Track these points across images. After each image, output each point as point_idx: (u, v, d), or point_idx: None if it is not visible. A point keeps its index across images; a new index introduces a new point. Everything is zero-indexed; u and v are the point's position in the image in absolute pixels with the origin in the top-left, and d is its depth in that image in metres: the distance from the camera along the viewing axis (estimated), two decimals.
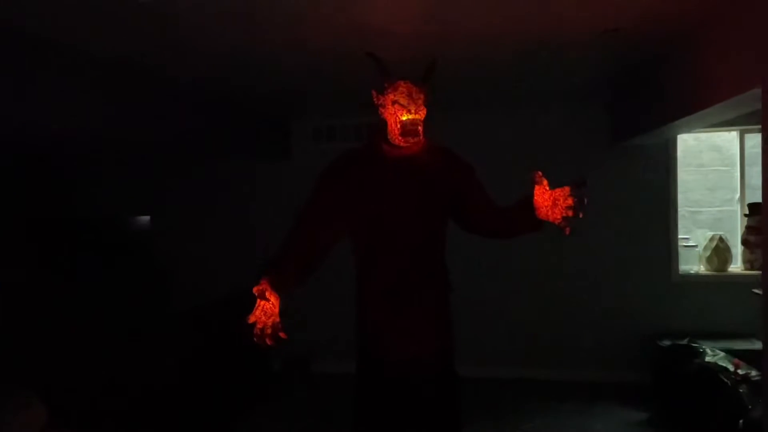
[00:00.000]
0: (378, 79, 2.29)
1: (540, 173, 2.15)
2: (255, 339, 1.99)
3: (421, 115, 2.24)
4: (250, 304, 2.04)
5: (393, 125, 2.24)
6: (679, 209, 5.01)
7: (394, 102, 2.22)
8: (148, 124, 3.69)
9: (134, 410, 3.21)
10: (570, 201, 2.05)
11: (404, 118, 2.20)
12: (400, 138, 2.23)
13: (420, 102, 2.23)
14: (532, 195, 2.18)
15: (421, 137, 2.26)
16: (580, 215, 2.04)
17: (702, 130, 4.84)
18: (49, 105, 2.91)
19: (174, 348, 3.88)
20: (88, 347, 3.34)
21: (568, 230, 2.06)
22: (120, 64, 3.37)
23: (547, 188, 2.14)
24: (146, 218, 5.61)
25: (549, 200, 2.11)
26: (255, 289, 2.00)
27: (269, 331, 1.97)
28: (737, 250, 4.97)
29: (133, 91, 3.54)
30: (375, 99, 2.31)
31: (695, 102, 3.14)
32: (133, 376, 3.34)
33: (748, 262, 4.86)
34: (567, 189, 2.08)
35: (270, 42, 3.11)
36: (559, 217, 2.08)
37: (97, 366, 3.17)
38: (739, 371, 3.72)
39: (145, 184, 5.96)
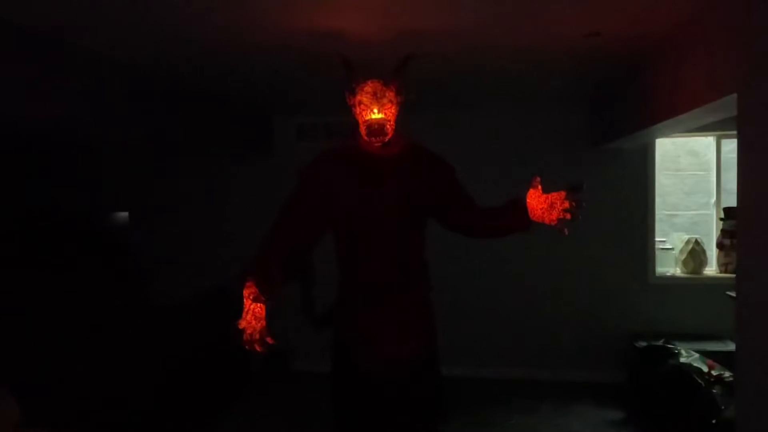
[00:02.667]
0: (348, 80, 2.30)
1: (538, 178, 2.18)
2: (245, 345, 1.98)
3: (387, 114, 2.24)
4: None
5: (361, 125, 2.25)
6: (656, 212, 5.07)
7: (360, 102, 2.23)
8: (128, 119, 3.64)
9: (109, 408, 3.17)
10: (567, 204, 2.08)
11: (368, 117, 2.21)
12: (366, 138, 2.25)
13: (385, 101, 2.23)
14: (524, 197, 2.20)
15: (389, 136, 2.26)
16: (579, 218, 2.08)
17: (680, 134, 4.90)
18: (25, 99, 2.86)
19: (150, 345, 3.84)
20: (62, 343, 3.29)
21: (566, 231, 2.10)
22: (99, 58, 3.32)
23: (541, 192, 2.16)
24: (124, 214, 5.55)
25: (545, 203, 2.13)
26: (246, 292, 1.99)
27: (257, 336, 1.97)
28: (712, 253, 5.06)
29: (112, 85, 3.49)
30: (347, 100, 2.31)
31: (673, 107, 3.18)
32: (107, 374, 3.31)
33: (723, 265, 4.94)
34: (564, 193, 2.11)
35: (252, 38, 3.10)
36: (555, 219, 2.11)
37: (71, 363, 3.13)
38: (713, 372, 3.78)
39: (123, 180, 5.89)
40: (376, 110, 2.21)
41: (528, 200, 2.19)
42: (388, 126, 2.24)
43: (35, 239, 4.84)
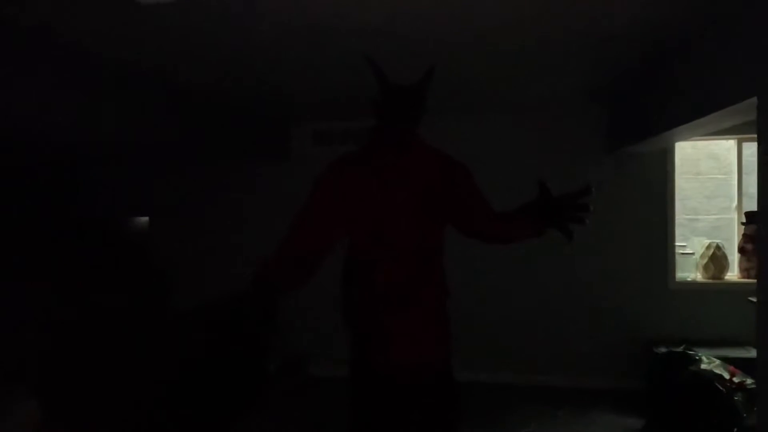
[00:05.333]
0: (375, 84, 2.31)
1: (546, 182, 2.16)
2: None
3: (415, 120, 2.26)
4: (246, 308, 2.04)
5: (387, 130, 2.26)
6: (676, 216, 5.02)
7: (388, 107, 2.24)
8: (147, 125, 3.69)
9: (126, 412, 3.20)
10: (576, 208, 2.06)
11: (398, 123, 2.23)
12: (393, 142, 2.25)
13: (414, 107, 2.25)
14: (535, 202, 2.18)
15: (416, 142, 2.28)
16: (585, 222, 2.06)
17: (700, 138, 4.85)
18: (48, 106, 2.91)
19: (168, 350, 3.87)
20: (82, 348, 3.33)
21: (573, 237, 2.07)
22: (118, 66, 3.37)
23: (552, 195, 2.15)
24: (145, 219, 5.62)
25: (554, 207, 2.11)
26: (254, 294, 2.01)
27: None
28: (734, 258, 4.98)
29: (132, 92, 3.54)
30: (373, 104, 2.32)
31: (692, 110, 3.15)
32: (126, 377, 3.34)
33: (745, 270, 4.87)
34: (572, 196, 2.09)
35: (269, 44, 3.12)
36: (564, 223, 2.09)
37: (91, 366, 3.16)
38: (735, 379, 3.72)
39: (144, 185, 5.96)
40: (407, 115, 2.23)
41: (539, 205, 2.17)
42: (415, 132, 2.25)
43: (56, 244, 4.90)
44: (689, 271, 5.03)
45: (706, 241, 5.03)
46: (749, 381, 3.68)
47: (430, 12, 2.68)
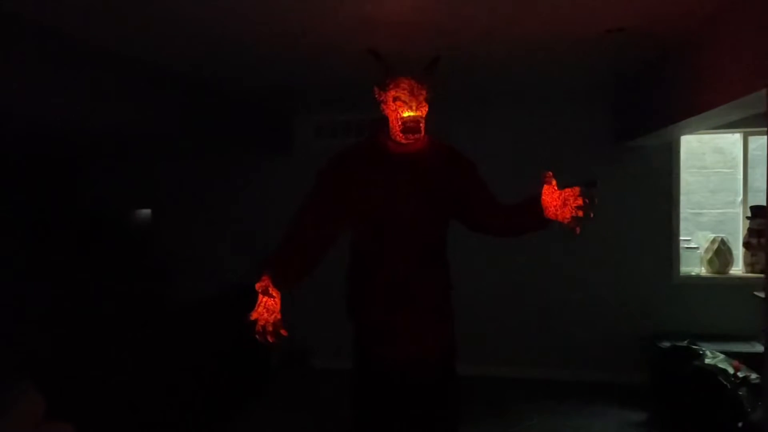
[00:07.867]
0: (380, 75, 2.28)
1: (550, 173, 2.12)
2: (257, 336, 1.98)
3: (423, 111, 2.23)
4: (249, 299, 2.03)
5: (394, 122, 2.23)
6: (681, 211, 4.99)
7: (395, 98, 2.21)
8: (149, 117, 3.68)
9: (131, 404, 3.21)
10: (580, 201, 2.02)
11: (405, 114, 2.19)
12: (401, 135, 2.22)
13: (421, 98, 2.22)
14: (540, 194, 2.15)
15: (423, 134, 2.25)
16: (591, 215, 2.01)
17: (705, 131, 4.82)
18: (49, 99, 2.90)
19: (172, 342, 3.88)
20: (86, 340, 3.34)
21: (578, 230, 2.03)
22: (120, 58, 3.36)
23: (556, 188, 2.11)
24: (147, 212, 5.62)
25: (558, 200, 2.07)
26: (258, 286, 1.99)
27: (270, 328, 1.96)
28: (738, 252, 4.96)
29: (133, 84, 3.53)
30: (376, 95, 2.30)
31: (699, 103, 3.12)
32: (130, 370, 3.34)
33: (750, 265, 4.85)
34: (577, 189, 2.05)
35: (272, 35, 3.10)
36: (568, 216, 2.05)
37: (94, 359, 3.17)
38: (739, 374, 3.71)
39: (146, 177, 5.96)
40: (414, 107, 2.20)
41: (543, 197, 2.14)
42: (422, 123, 2.23)
43: (58, 236, 4.91)
44: (693, 265, 5.01)
45: (711, 236, 5.01)
46: (754, 376, 3.67)
47: (436, 4, 2.65)
